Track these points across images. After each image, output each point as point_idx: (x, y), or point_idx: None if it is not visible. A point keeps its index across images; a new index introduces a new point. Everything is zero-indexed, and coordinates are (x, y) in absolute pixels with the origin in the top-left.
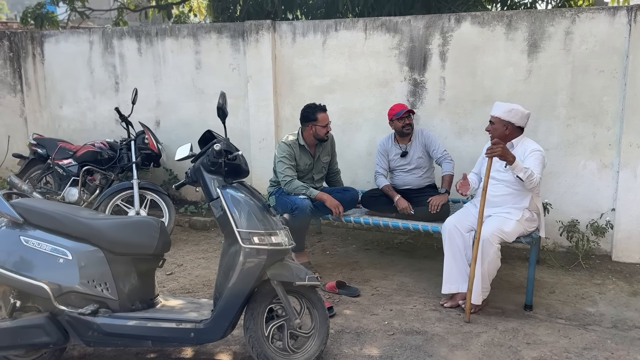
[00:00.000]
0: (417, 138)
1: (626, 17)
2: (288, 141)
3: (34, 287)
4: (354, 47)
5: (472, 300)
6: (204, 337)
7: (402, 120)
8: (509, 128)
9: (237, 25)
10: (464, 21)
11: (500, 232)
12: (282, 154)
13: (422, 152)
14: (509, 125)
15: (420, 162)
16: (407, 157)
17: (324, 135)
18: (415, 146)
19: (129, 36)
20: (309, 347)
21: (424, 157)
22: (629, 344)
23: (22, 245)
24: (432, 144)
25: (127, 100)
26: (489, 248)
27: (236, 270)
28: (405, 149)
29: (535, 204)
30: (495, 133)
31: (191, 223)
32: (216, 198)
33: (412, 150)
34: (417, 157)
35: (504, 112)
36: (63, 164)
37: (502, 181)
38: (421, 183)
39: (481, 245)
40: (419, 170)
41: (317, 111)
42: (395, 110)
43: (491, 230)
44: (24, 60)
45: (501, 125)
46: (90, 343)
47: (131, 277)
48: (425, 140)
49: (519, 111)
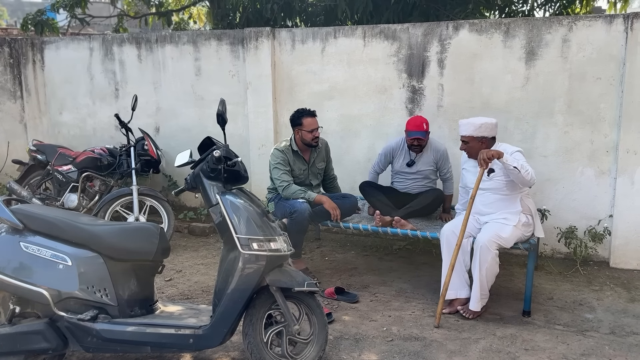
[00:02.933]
0: (431, 152)
1: (623, 24)
2: (281, 147)
3: (33, 293)
4: (353, 54)
5: (471, 307)
6: (203, 343)
7: (412, 141)
8: (484, 142)
9: (237, 32)
10: (462, 29)
11: (498, 238)
12: (276, 161)
13: (431, 166)
14: (483, 139)
15: (427, 174)
16: (413, 167)
17: (311, 140)
18: (426, 159)
19: (129, 43)
20: (307, 353)
21: (431, 170)
22: (627, 350)
23: (22, 251)
24: (444, 165)
25: (127, 107)
26: (487, 254)
27: (235, 276)
28: (414, 158)
29: (527, 206)
30: (472, 150)
31: (190, 229)
32: (215, 204)
33: (420, 163)
34: (425, 169)
35: (475, 130)
36: (63, 170)
37: (488, 189)
38: (422, 189)
39: (479, 252)
40: (423, 180)
41: (303, 116)
42: (409, 128)
43: (488, 237)
44: (24, 66)
45: (476, 142)
46: (90, 349)
47: (130, 283)
48: (439, 159)
49: (488, 124)
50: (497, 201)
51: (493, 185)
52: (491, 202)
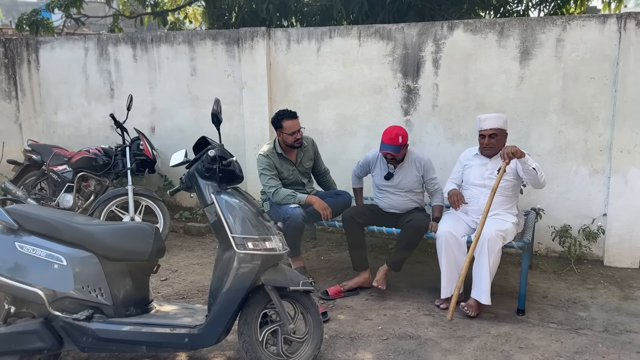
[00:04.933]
0: (412, 164)
1: (616, 24)
2: (264, 152)
3: (28, 292)
4: (348, 54)
5: (482, 300)
6: (198, 342)
7: (385, 154)
8: (506, 136)
9: (232, 32)
10: (457, 29)
11: (503, 232)
12: (262, 167)
13: (414, 178)
14: (506, 134)
15: (410, 187)
16: (393, 180)
17: (293, 142)
18: (407, 172)
19: (124, 43)
20: (302, 352)
21: (415, 182)
22: (620, 348)
23: (17, 251)
24: (428, 174)
25: (122, 107)
26: (495, 245)
27: (230, 275)
28: (392, 171)
29: (519, 208)
30: (499, 144)
31: (186, 229)
32: (210, 204)
33: (400, 175)
34: (406, 182)
35: (503, 122)
36: (58, 170)
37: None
38: (409, 207)
39: (487, 244)
40: (407, 194)
41: (283, 118)
42: (382, 140)
43: (495, 229)
44: (19, 66)
45: (503, 134)
46: (85, 349)
47: (126, 282)
48: (423, 169)
49: (507, 118)
50: (500, 201)
51: (501, 185)
52: (494, 202)
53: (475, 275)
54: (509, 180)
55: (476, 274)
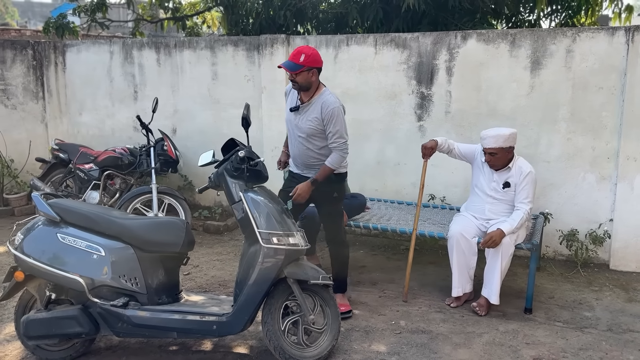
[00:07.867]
0: (318, 105)
1: (624, 37)
2: None
3: (70, 280)
4: (365, 61)
5: (492, 300)
6: (226, 330)
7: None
8: (511, 151)
9: (253, 39)
10: (470, 38)
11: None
12: None
13: (314, 121)
14: (510, 149)
15: (310, 132)
16: (297, 117)
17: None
18: (311, 111)
19: (148, 47)
20: (321, 342)
21: (314, 128)
22: (623, 346)
23: (59, 241)
24: (329, 125)
25: (146, 109)
26: (508, 250)
27: (256, 268)
28: (299, 104)
29: None
30: (499, 162)
31: (205, 227)
32: (238, 201)
33: (304, 114)
34: (306, 124)
35: (505, 141)
36: (85, 169)
37: (501, 200)
38: (309, 162)
39: (501, 246)
40: (309, 143)
41: None
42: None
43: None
44: (47, 68)
45: (504, 152)
46: (120, 334)
47: (158, 273)
48: (323, 115)
49: (513, 133)
50: (505, 210)
51: (507, 197)
52: (501, 211)
53: (487, 276)
54: (513, 193)
55: (488, 275)
